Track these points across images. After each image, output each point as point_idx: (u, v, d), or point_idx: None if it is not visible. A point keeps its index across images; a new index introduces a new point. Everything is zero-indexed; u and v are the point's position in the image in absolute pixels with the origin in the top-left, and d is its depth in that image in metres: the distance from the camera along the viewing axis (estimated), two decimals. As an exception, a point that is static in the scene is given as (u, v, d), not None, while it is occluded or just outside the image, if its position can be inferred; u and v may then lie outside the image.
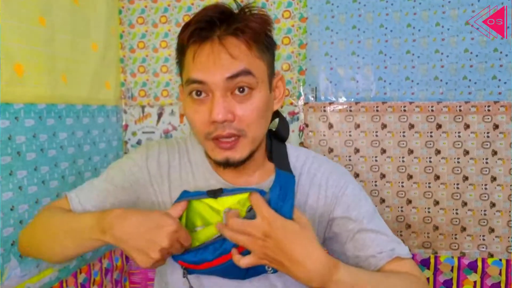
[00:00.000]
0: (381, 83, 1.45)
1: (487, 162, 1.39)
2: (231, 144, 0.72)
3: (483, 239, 1.41)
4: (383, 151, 1.46)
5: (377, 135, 1.46)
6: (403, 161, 1.45)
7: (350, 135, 1.48)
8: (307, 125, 1.51)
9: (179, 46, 0.76)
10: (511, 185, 1.38)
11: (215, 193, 0.71)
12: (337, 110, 1.48)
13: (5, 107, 1.04)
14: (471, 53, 1.38)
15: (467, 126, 1.39)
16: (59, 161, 1.25)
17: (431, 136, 1.42)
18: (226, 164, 0.74)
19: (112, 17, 1.57)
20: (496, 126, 1.37)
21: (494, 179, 1.39)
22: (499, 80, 1.37)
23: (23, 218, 1.10)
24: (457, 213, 1.42)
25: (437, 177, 1.43)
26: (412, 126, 1.43)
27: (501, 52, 1.35)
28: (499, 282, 1.40)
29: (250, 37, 0.71)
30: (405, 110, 1.43)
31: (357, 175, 1.48)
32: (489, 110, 1.37)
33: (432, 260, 1.45)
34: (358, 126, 1.47)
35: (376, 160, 1.46)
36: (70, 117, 1.30)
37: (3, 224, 1.03)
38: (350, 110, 1.47)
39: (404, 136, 1.44)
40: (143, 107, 1.65)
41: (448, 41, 1.39)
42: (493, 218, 1.40)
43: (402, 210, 1.46)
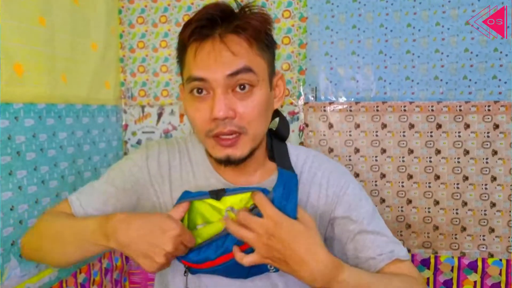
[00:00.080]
0: (381, 83, 1.45)
1: (487, 162, 1.39)
2: (232, 142, 0.72)
3: (483, 239, 1.41)
4: (383, 151, 1.46)
5: (377, 135, 1.46)
6: (403, 161, 1.44)
7: (350, 135, 1.47)
8: (307, 125, 1.51)
9: (180, 45, 0.76)
10: (511, 185, 1.38)
11: (218, 194, 0.71)
12: (337, 110, 1.48)
13: (5, 107, 1.04)
14: (471, 53, 1.38)
15: (467, 126, 1.39)
16: (59, 161, 1.25)
17: (431, 136, 1.42)
18: (227, 162, 0.74)
19: (112, 17, 1.57)
20: (496, 126, 1.37)
21: (494, 179, 1.39)
22: (499, 80, 1.36)
23: (23, 218, 1.09)
24: (457, 213, 1.42)
25: (437, 177, 1.43)
26: (412, 126, 1.43)
27: (501, 52, 1.35)
28: (499, 282, 1.40)
29: (251, 35, 0.72)
30: (405, 110, 1.43)
31: (357, 175, 1.47)
32: (489, 110, 1.37)
33: (432, 260, 1.45)
34: (358, 126, 1.47)
35: (376, 160, 1.46)
36: (70, 117, 1.30)
37: (3, 224, 1.03)
38: (350, 110, 1.47)
39: (404, 136, 1.44)
40: (143, 107, 1.65)
41: (448, 41, 1.39)
42: (493, 218, 1.40)
43: (402, 210, 1.46)
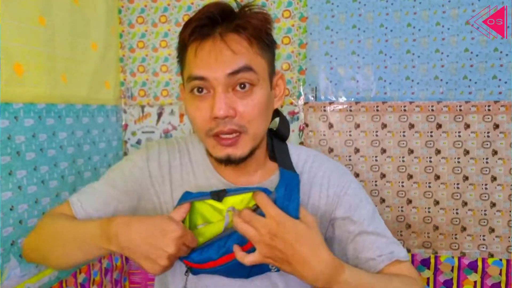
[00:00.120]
0: (381, 83, 1.45)
1: (488, 162, 1.39)
2: (232, 141, 0.72)
3: (483, 239, 1.41)
4: (383, 151, 1.46)
5: (377, 135, 1.45)
6: (403, 161, 1.44)
7: (350, 135, 1.47)
8: (307, 125, 1.51)
9: (181, 44, 0.76)
10: (511, 185, 1.37)
11: (219, 196, 0.71)
12: (337, 110, 1.48)
13: (5, 107, 1.03)
14: (471, 53, 1.38)
15: (467, 126, 1.39)
16: (59, 161, 1.24)
17: (431, 136, 1.42)
18: (228, 161, 0.74)
19: (112, 17, 1.57)
20: (497, 126, 1.37)
21: (495, 179, 1.39)
22: (499, 80, 1.36)
23: (23, 218, 1.09)
24: (457, 213, 1.42)
25: (437, 177, 1.43)
26: (412, 126, 1.43)
27: (501, 52, 1.35)
28: (499, 282, 1.40)
29: (251, 34, 0.72)
30: (405, 110, 1.43)
31: (357, 175, 1.47)
32: (489, 110, 1.37)
33: (432, 260, 1.45)
34: (358, 126, 1.47)
35: (376, 160, 1.46)
36: (70, 117, 1.30)
37: (3, 224, 1.03)
38: (350, 110, 1.47)
39: (404, 136, 1.44)
40: (143, 107, 1.65)
41: (448, 41, 1.39)
42: (494, 218, 1.40)
43: (402, 210, 1.46)
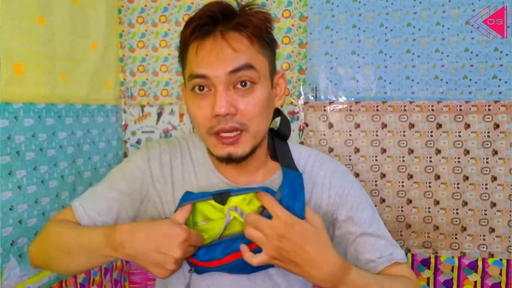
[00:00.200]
0: (381, 83, 1.45)
1: (488, 162, 1.39)
2: (233, 139, 0.72)
3: (484, 239, 1.41)
4: (383, 151, 1.45)
5: (377, 135, 1.45)
6: (403, 161, 1.44)
7: (350, 135, 1.47)
8: (307, 125, 1.50)
9: (182, 42, 0.76)
10: (512, 185, 1.38)
11: (222, 199, 0.71)
12: (337, 110, 1.48)
13: (5, 107, 1.03)
14: (472, 53, 1.38)
15: (468, 126, 1.39)
16: (59, 161, 1.24)
17: (432, 136, 1.42)
18: (229, 160, 0.74)
19: (112, 17, 1.57)
20: (497, 126, 1.37)
21: (495, 179, 1.39)
22: (500, 80, 1.36)
23: (22, 218, 1.09)
24: (458, 213, 1.42)
25: (438, 177, 1.42)
26: (413, 126, 1.43)
27: (502, 52, 1.35)
28: (500, 282, 1.39)
29: (252, 32, 0.72)
30: (405, 110, 1.43)
31: (357, 175, 1.47)
32: (490, 110, 1.37)
33: (433, 260, 1.45)
34: (358, 126, 1.46)
35: (376, 160, 1.46)
36: (70, 117, 1.30)
37: (3, 224, 1.03)
38: (350, 110, 1.47)
39: (404, 136, 1.44)
40: (143, 107, 1.65)
41: (449, 41, 1.39)
42: (494, 218, 1.40)
43: (402, 210, 1.45)
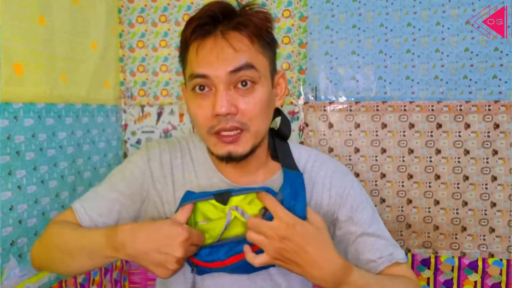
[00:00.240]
0: (381, 83, 1.45)
1: (488, 162, 1.39)
2: (234, 138, 0.72)
3: (484, 239, 1.41)
4: (383, 151, 1.45)
5: (377, 135, 1.45)
6: (404, 161, 1.44)
7: (350, 135, 1.47)
8: (307, 125, 1.50)
9: (182, 43, 0.76)
10: (512, 185, 1.38)
11: (224, 199, 0.71)
12: (337, 110, 1.48)
13: (4, 107, 1.03)
14: (472, 53, 1.37)
15: (468, 126, 1.39)
16: (59, 161, 1.24)
17: (432, 136, 1.42)
18: (229, 159, 0.74)
19: (112, 17, 1.57)
20: (497, 126, 1.37)
21: (495, 179, 1.38)
22: (500, 80, 1.36)
23: (22, 218, 1.09)
24: (458, 213, 1.42)
25: (438, 177, 1.42)
26: (413, 126, 1.43)
27: (502, 52, 1.35)
28: (500, 282, 1.39)
29: (252, 32, 0.72)
30: (405, 110, 1.43)
31: (357, 175, 1.47)
32: (490, 110, 1.37)
33: (433, 260, 1.45)
34: (358, 126, 1.46)
35: (376, 160, 1.46)
36: (70, 117, 1.30)
37: (2, 224, 1.03)
38: (350, 110, 1.47)
39: (404, 136, 1.44)
40: (143, 107, 1.65)
41: (449, 41, 1.39)
42: (494, 218, 1.40)
43: (403, 210, 1.45)
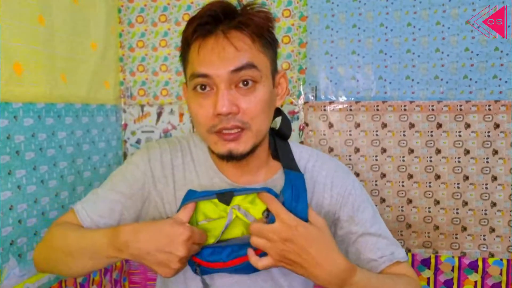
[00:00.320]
0: (382, 82, 1.45)
1: (488, 162, 1.39)
2: (235, 136, 0.72)
3: (484, 239, 1.41)
4: (384, 151, 1.45)
5: (378, 135, 1.45)
6: (404, 161, 1.44)
7: (350, 135, 1.47)
8: (307, 124, 1.50)
9: (183, 42, 0.76)
10: (512, 185, 1.38)
11: (226, 199, 0.72)
12: (337, 109, 1.48)
13: (4, 107, 1.03)
14: (472, 52, 1.37)
15: (468, 126, 1.39)
16: (58, 161, 1.24)
17: (432, 136, 1.42)
18: (229, 157, 0.74)
19: (112, 16, 1.57)
20: (497, 126, 1.37)
21: (495, 179, 1.38)
22: (500, 79, 1.36)
23: (22, 218, 1.09)
24: (458, 213, 1.42)
25: (438, 177, 1.42)
26: (413, 126, 1.43)
27: (502, 51, 1.35)
28: (500, 282, 1.39)
29: (254, 31, 0.72)
30: (406, 109, 1.43)
31: (358, 175, 1.47)
32: (490, 110, 1.37)
33: (433, 260, 1.45)
34: (358, 126, 1.46)
35: (377, 160, 1.46)
36: (69, 117, 1.30)
37: (2, 224, 1.02)
38: (350, 109, 1.47)
39: (405, 136, 1.44)
40: (143, 106, 1.65)
41: (449, 40, 1.39)
42: (494, 218, 1.39)
43: (403, 210, 1.45)
